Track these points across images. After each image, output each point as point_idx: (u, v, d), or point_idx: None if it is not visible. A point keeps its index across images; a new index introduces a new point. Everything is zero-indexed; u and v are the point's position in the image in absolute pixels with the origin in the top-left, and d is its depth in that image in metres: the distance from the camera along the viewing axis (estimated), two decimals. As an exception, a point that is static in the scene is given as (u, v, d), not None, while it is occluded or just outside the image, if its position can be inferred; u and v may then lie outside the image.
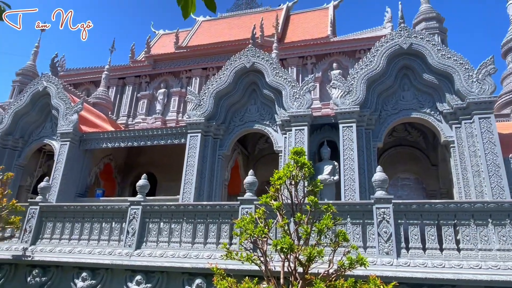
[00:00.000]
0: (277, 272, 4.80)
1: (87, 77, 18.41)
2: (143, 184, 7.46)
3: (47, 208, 7.93)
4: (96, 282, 6.81)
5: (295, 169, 5.01)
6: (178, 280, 6.44)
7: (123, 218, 7.36)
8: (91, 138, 12.15)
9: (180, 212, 7.00)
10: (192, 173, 10.16)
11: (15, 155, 13.02)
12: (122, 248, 7.00)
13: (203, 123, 10.58)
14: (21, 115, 12.99)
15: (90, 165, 12.78)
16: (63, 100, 12.37)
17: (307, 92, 9.86)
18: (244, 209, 6.55)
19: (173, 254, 6.61)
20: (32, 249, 7.54)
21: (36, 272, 7.19)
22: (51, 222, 7.85)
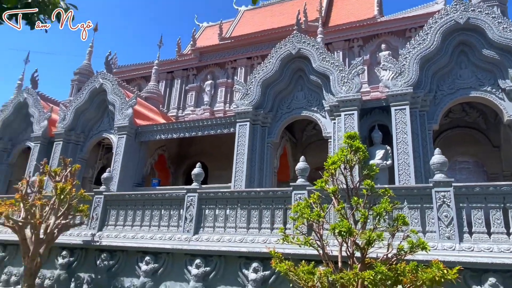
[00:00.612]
0: (334, 256, 4.83)
1: (138, 72, 19.25)
2: (198, 172, 7.74)
3: (110, 197, 8.49)
4: (158, 265, 7.23)
5: (349, 154, 4.96)
6: (235, 264, 6.66)
7: (180, 205, 7.71)
8: (145, 130, 12.75)
9: (235, 199, 7.20)
10: (242, 161, 10.35)
11: (77, 149, 13.99)
12: (181, 233, 7.36)
13: (251, 112, 10.70)
14: (81, 111, 13.89)
15: (146, 156, 13.44)
16: (118, 95, 13.06)
17: (355, 76, 9.63)
18: (297, 194, 6.60)
19: (229, 239, 6.84)
20: (99, 235, 8.14)
21: (104, 256, 7.76)
22: (114, 210, 8.40)
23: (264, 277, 6.26)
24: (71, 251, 8.22)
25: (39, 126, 14.46)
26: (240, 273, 6.54)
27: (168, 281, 7.13)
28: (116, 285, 7.46)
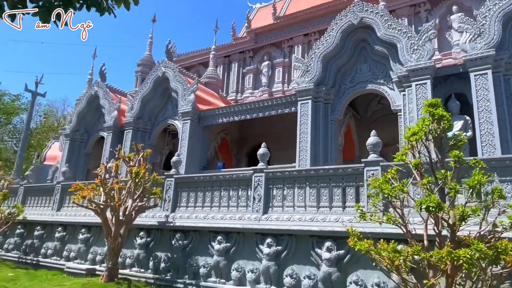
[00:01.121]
0: (417, 235, 4.49)
1: (196, 59, 19.62)
2: (263, 153, 7.68)
3: (180, 180, 8.77)
4: (230, 244, 7.35)
5: (431, 123, 4.53)
6: (307, 243, 6.54)
7: (248, 186, 7.73)
8: (207, 115, 12.98)
9: (302, 177, 7.03)
10: (306, 140, 10.12)
11: (146, 136, 14.66)
12: (250, 213, 7.39)
13: (313, 89, 10.37)
14: (147, 100, 14.48)
15: (209, 140, 13.73)
16: (180, 82, 13.39)
17: (427, 42, 8.85)
18: (369, 171, 6.26)
19: (299, 218, 6.72)
20: (173, 216, 8.46)
21: (179, 236, 8.07)
22: (185, 192, 8.67)
23: (338, 256, 6.07)
24: (147, 231, 8.67)
25: (110, 116, 15.34)
26: (313, 252, 6.41)
27: (241, 259, 7.23)
28: (191, 264, 7.74)
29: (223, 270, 7.28)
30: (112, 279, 7.36)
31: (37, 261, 10.83)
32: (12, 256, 11.62)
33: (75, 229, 10.44)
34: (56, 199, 11.39)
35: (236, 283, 7.07)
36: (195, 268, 7.70)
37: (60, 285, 7.37)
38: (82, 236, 9.91)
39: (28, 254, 11.27)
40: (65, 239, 10.53)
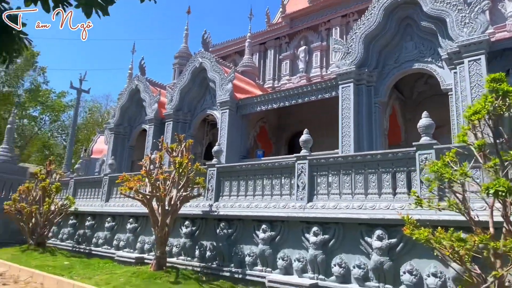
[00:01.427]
0: (480, 222, 4.14)
1: (232, 49, 19.53)
2: (306, 139, 7.46)
3: (222, 169, 8.76)
4: (275, 233, 7.25)
5: (495, 100, 4.12)
6: (356, 231, 6.30)
7: (291, 173, 7.56)
8: (246, 103, 12.89)
9: (348, 163, 6.76)
10: (348, 125, 9.78)
11: (186, 127, 14.85)
12: (294, 201, 7.23)
13: (354, 71, 9.95)
14: (185, 91, 14.62)
15: (248, 129, 13.66)
16: (217, 72, 13.36)
17: (480, 14, 8.17)
18: (422, 155, 5.88)
19: (346, 206, 6.48)
20: (216, 205, 8.48)
21: (223, 225, 8.09)
22: (227, 181, 8.65)
23: (390, 245, 5.79)
24: (192, 221, 8.76)
25: (151, 109, 15.66)
26: (362, 240, 6.17)
27: (286, 248, 7.12)
28: (237, 252, 7.74)
29: (269, 258, 7.21)
30: (161, 268, 7.51)
31: (89, 250, 11.34)
32: (66, 245, 12.25)
33: (123, 219, 10.79)
34: (104, 190, 11.82)
35: (283, 272, 6.97)
36: (241, 256, 7.69)
37: (111, 273, 7.64)
38: (130, 226, 10.22)
39: (81, 244, 11.83)
40: (114, 229, 10.92)
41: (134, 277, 7.05)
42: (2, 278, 8.23)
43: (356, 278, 6.10)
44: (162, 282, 6.80)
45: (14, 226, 13.38)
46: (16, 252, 10.65)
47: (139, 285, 6.63)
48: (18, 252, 10.70)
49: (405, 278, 5.61)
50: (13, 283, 7.75)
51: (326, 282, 6.39)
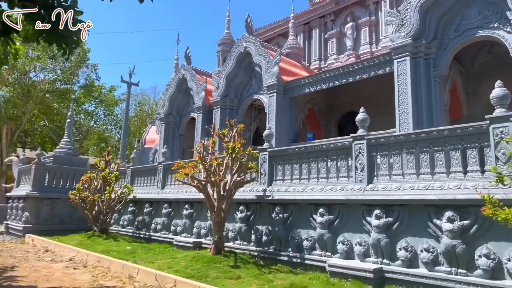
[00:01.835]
0: None
1: (275, 31, 19.18)
2: (363, 118, 7.10)
3: (274, 153, 8.62)
4: (333, 217, 7.03)
5: None
6: (423, 213, 5.92)
7: (347, 155, 7.26)
8: (293, 86, 12.60)
9: (411, 142, 6.33)
10: (406, 101, 9.22)
11: (233, 113, 14.85)
12: (353, 184, 6.95)
13: (410, 44, 9.31)
14: (231, 77, 14.58)
15: (296, 112, 13.39)
16: (262, 55, 13.15)
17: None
18: (496, 128, 5.34)
19: (411, 187, 6.10)
20: (270, 189, 8.39)
21: (278, 209, 7.99)
22: (280, 165, 8.51)
23: (462, 227, 5.36)
24: (246, 205, 8.76)
25: (198, 97, 15.84)
26: (430, 223, 5.78)
27: (346, 232, 6.88)
28: (294, 236, 7.62)
29: (328, 243, 7.02)
30: (219, 252, 7.59)
31: (149, 235, 11.80)
32: (127, 231, 12.85)
33: (179, 205, 11.06)
34: (159, 178, 12.18)
35: (343, 256, 6.76)
36: (298, 241, 7.57)
37: (172, 258, 7.84)
38: (186, 212, 10.46)
39: (141, 229, 12.33)
40: (171, 215, 11.24)
41: (194, 261, 7.18)
42: (72, 262, 8.76)
43: (425, 263, 5.75)
44: (222, 266, 6.86)
45: (78, 214, 14.24)
46: (83, 239, 11.32)
47: (199, 269, 6.73)
48: (85, 238, 11.37)
49: (481, 262, 5.18)
50: (82, 267, 8.22)
51: (391, 266, 6.09)
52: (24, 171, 15.75)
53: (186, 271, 6.62)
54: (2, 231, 14.98)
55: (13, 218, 15.11)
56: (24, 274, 7.31)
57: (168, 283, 6.10)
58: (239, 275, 6.31)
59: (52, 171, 14.39)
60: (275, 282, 6.14)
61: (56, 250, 10.41)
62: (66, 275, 7.35)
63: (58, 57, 31.36)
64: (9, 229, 14.81)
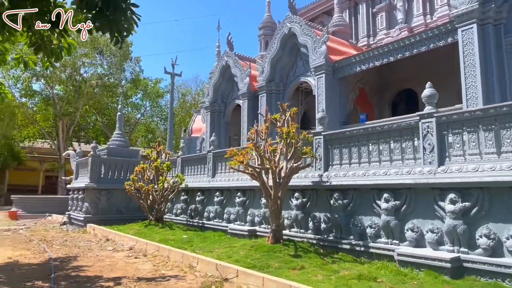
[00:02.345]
0: None
1: (318, 9, 18.43)
2: (430, 94, 6.46)
3: (330, 136, 8.19)
4: (400, 202, 6.53)
5: None
6: (507, 196, 5.29)
7: (413, 135, 6.68)
8: (342, 65, 11.97)
9: (490, 117, 5.65)
10: (473, 74, 8.38)
11: (279, 98, 14.46)
12: (421, 166, 6.39)
13: (477, 9, 8.40)
14: (276, 61, 14.17)
15: (346, 92, 12.77)
16: (308, 35, 12.58)
17: None
18: None
19: (491, 167, 5.45)
20: (327, 175, 8.00)
21: (337, 195, 7.59)
22: (336, 148, 8.07)
23: (560, 211, 4.71)
24: (302, 192, 8.44)
25: (243, 83, 15.60)
26: (518, 207, 5.15)
27: (415, 218, 6.37)
28: (356, 224, 7.22)
29: (395, 230, 6.55)
30: (278, 241, 7.37)
31: (202, 223, 11.87)
32: (180, 220, 13.04)
33: (231, 193, 10.97)
34: (209, 166, 12.16)
35: (413, 244, 6.27)
36: (360, 228, 7.16)
37: (230, 247, 7.74)
38: (239, 200, 10.34)
39: (194, 218, 12.45)
40: (224, 203, 11.20)
41: (253, 251, 7.01)
42: (133, 251, 8.95)
43: (512, 251, 5.15)
44: (282, 256, 6.63)
45: (133, 204, 14.69)
46: (140, 228, 11.60)
47: (260, 258, 6.54)
48: (142, 227, 11.65)
49: None
50: (142, 256, 8.36)
51: (471, 255, 5.54)
52: (81, 163, 16.46)
53: (246, 261, 6.46)
54: (65, 221, 15.82)
55: (74, 208, 15.89)
56: (89, 264, 7.53)
57: (229, 274, 5.97)
58: (302, 265, 6.04)
59: (107, 162, 14.89)
60: (341, 272, 5.81)
61: (116, 239, 10.74)
62: (129, 265, 7.48)
63: (105, 53, 32.49)
64: (71, 219, 15.61)
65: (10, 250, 9.26)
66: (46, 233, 12.91)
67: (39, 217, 19.23)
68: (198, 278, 6.29)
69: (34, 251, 9.16)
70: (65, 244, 10.34)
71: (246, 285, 5.58)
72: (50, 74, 31.15)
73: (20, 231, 13.49)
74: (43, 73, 31.52)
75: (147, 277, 6.41)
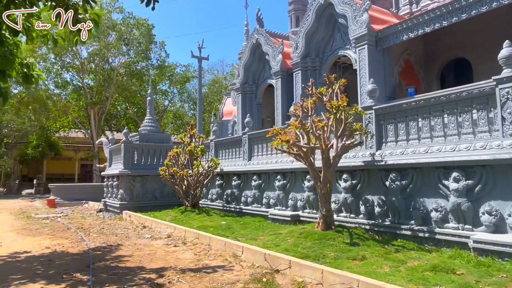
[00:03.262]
0: None
1: (353, -22, 17.11)
2: (509, 54, 5.48)
3: (382, 111, 7.34)
4: (473, 182, 5.66)
5: None
6: None
7: (487, 104, 5.75)
8: (387, 34, 10.89)
9: None
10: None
11: (315, 75, 13.60)
12: (499, 139, 5.47)
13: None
14: (311, 35, 13.24)
15: (391, 65, 11.72)
16: (347, 4, 11.54)
17: None
18: None
19: None
20: (380, 153, 7.20)
21: (394, 176, 6.79)
22: (390, 124, 7.22)
23: None
24: (351, 173, 7.68)
25: (275, 61, 14.78)
26: None
27: (492, 200, 5.50)
28: (417, 207, 6.41)
29: (467, 214, 5.71)
30: (329, 227, 6.68)
31: (239, 208, 11.37)
32: (216, 205, 12.60)
33: (269, 176, 10.36)
34: (245, 149, 11.56)
35: (491, 229, 5.43)
36: (423, 212, 6.35)
37: (276, 234, 7.14)
38: (279, 183, 9.71)
39: (230, 203, 11.96)
40: (262, 187, 10.61)
41: (302, 238, 6.38)
42: (171, 239, 8.55)
43: None
44: (337, 244, 5.96)
45: (168, 189, 14.41)
46: (176, 214, 11.24)
47: (311, 247, 5.91)
48: (178, 213, 11.29)
49: None
50: (182, 244, 7.93)
51: None
52: (114, 150, 16.31)
53: (297, 250, 5.84)
54: (102, 208, 15.80)
55: (110, 195, 15.82)
56: (128, 253, 7.16)
57: (281, 264, 5.36)
58: (363, 254, 5.34)
59: (140, 148, 14.60)
60: (408, 262, 5.07)
61: (153, 226, 10.42)
62: (169, 254, 7.05)
63: (131, 42, 32.31)
64: (107, 206, 15.55)
65: (48, 239, 9.09)
66: (83, 221, 12.83)
67: (76, 205, 19.47)
68: (245, 269, 5.74)
69: (72, 239, 8.94)
70: (102, 232, 10.11)
71: (301, 278, 4.96)
72: (80, 65, 31.40)
73: (58, 219, 13.51)
74: (72, 64, 31.82)
75: (190, 268, 5.92)
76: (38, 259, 6.82)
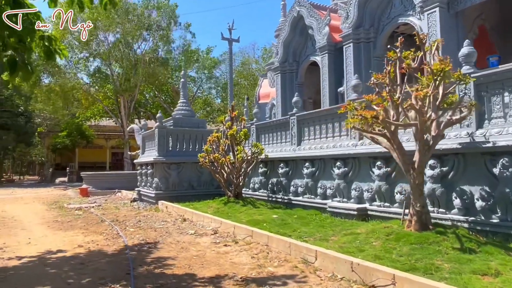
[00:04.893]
0: None
1: None
2: None
3: (486, 79, 5.76)
4: None
5: None
6: None
7: None
8: (464, -7, 9.19)
9: None
10: None
11: (370, 48, 12.05)
12: None
13: None
14: (364, 1, 11.63)
15: (464, 32, 9.97)
16: (412, -40, 9.86)
17: None
18: None
19: None
20: (481, 133, 5.70)
21: (506, 161, 5.27)
22: (495, 95, 5.67)
23: None
24: (439, 158, 6.20)
25: (321, 34, 13.25)
26: None
27: None
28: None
29: None
30: (426, 227, 5.26)
31: (288, 199, 10.11)
32: (260, 195, 11.40)
33: (325, 163, 9.00)
34: (293, 133, 10.23)
35: None
36: (554, 208, 4.84)
37: (352, 234, 5.81)
38: (338, 171, 8.34)
39: (277, 193, 10.72)
40: (316, 175, 9.27)
41: (393, 242, 5.02)
42: (218, 236, 7.39)
43: None
44: (445, 250, 4.56)
45: (205, 177, 13.34)
46: (219, 205, 10.11)
47: (411, 254, 4.54)
48: (220, 205, 10.16)
49: None
50: (233, 243, 6.74)
51: None
52: (147, 136, 15.37)
53: (392, 258, 4.49)
54: (136, 198, 14.96)
55: (144, 184, 14.94)
56: (173, 255, 6.05)
57: (379, 279, 4.03)
58: (495, 268, 3.93)
59: (174, 133, 13.53)
60: None
61: (194, 219, 9.32)
62: (221, 256, 5.88)
63: (151, 26, 31.14)
64: (141, 196, 14.69)
65: (81, 234, 8.15)
66: (118, 212, 11.96)
67: (109, 194, 18.83)
68: (325, 281, 4.46)
69: (107, 235, 7.96)
70: (139, 225, 9.11)
71: (415, 301, 3.63)
72: (106, 52, 30.65)
73: (91, 209, 12.72)
74: (99, 51, 31.12)
75: (253, 277, 4.71)
76: (69, 261, 5.80)
